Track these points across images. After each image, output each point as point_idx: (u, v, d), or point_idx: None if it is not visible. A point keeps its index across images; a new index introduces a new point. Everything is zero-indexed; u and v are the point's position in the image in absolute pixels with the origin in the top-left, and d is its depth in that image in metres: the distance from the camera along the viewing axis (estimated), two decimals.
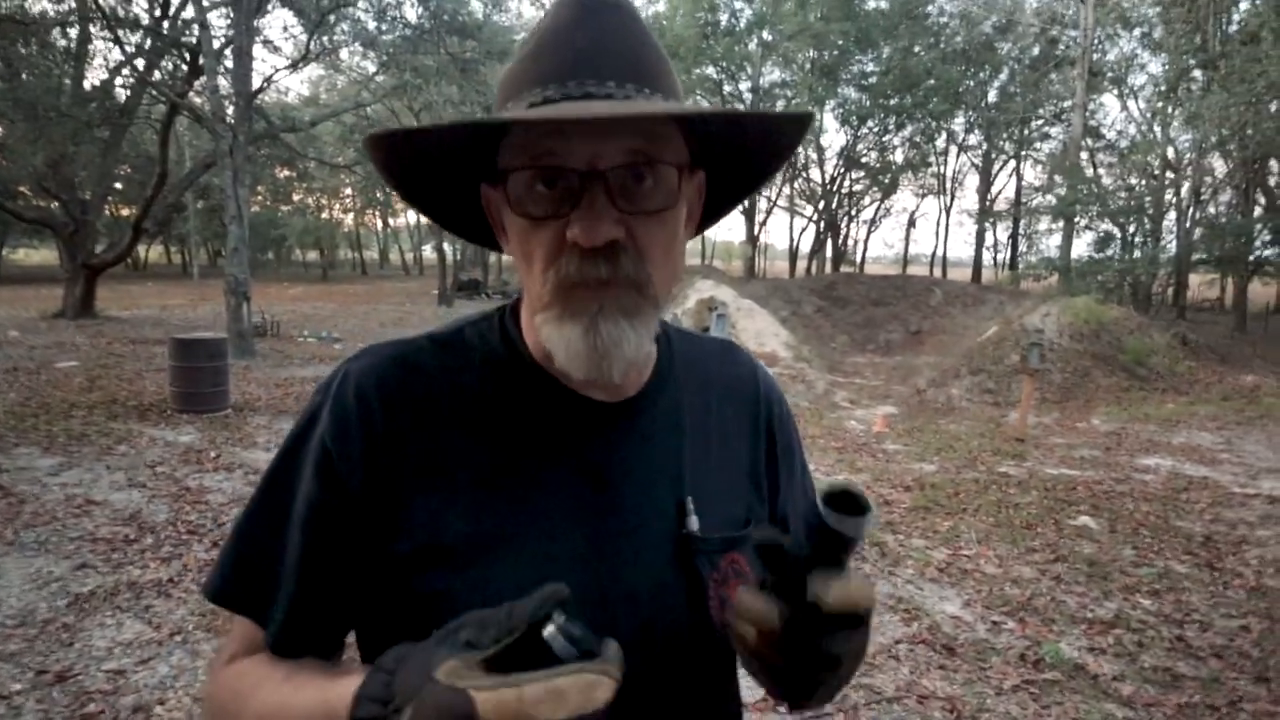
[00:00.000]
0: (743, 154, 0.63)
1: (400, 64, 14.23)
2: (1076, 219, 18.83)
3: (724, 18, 25.50)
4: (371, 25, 14.34)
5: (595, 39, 0.55)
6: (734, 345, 0.79)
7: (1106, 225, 19.41)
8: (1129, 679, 2.88)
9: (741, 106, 27.78)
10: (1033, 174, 31.40)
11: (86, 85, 14.64)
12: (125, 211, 22.98)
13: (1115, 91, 22.42)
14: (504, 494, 0.59)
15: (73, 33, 14.11)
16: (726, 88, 27.75)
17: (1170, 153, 19.93)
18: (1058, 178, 20.41)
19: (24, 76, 13.00)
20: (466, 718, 0.38)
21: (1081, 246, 20.17)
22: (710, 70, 26.70)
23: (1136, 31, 20.94)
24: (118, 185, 21.78)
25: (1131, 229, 19.28)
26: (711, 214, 0.69)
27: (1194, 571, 3.96)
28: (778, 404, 0.76)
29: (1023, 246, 25.81)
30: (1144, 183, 19.78)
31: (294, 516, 0.59)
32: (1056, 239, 20.50)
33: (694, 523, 0.62)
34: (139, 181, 21.23)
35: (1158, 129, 20.79)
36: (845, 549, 0.49)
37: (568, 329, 0.55)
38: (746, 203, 27.69)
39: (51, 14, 12.95)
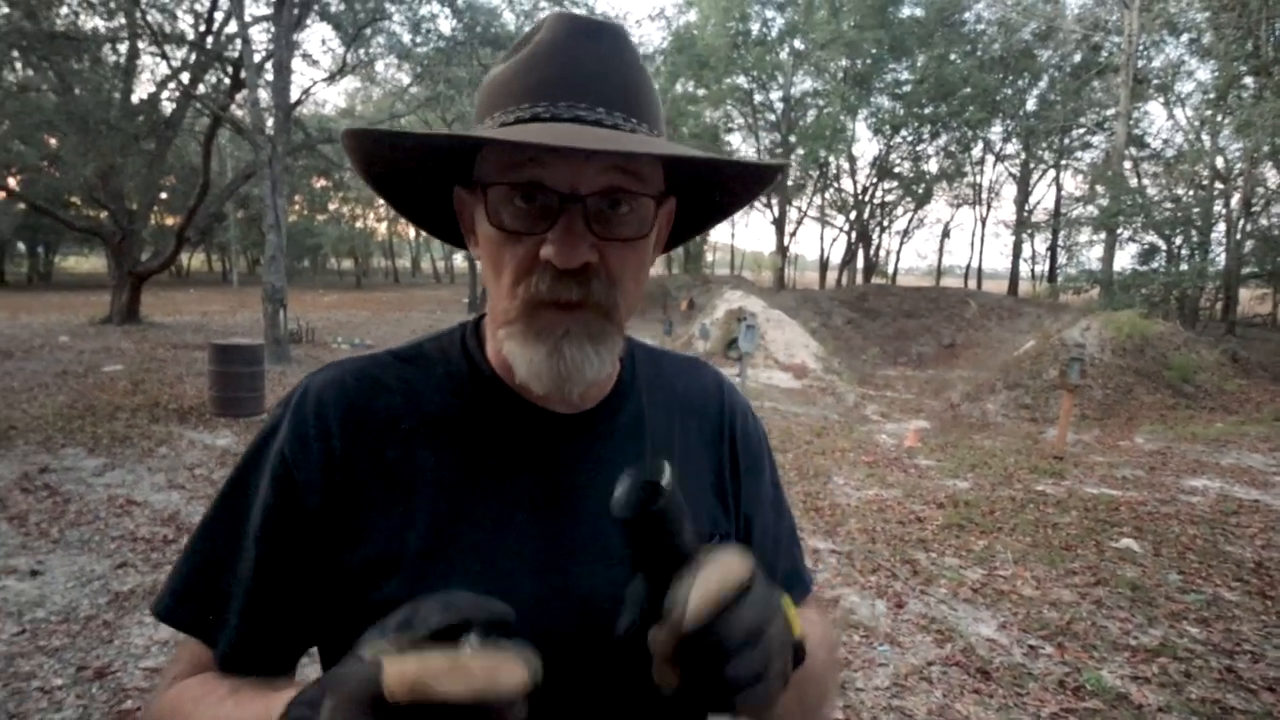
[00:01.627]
0: (715, 189, 0.64)
1: (434, 76, 14.51)
2: (1119, 230, 18.32)
3: (755, 27, 25.46)
4: (406, 38, 14.65)
5: (588, 62, 0.55)
6: (699, 361, 0.79)
7: (1151, 237, 18.86)
8: (1175, 710, 2.76)
9: (772, 116, 27.76)
10: (1073, 184, 30.76)
11: (134, 99, 15.18)
12: (170, 221, 23.78)
13: (1161, 99, 21.84)
14: (463, 506, 0.59)
15: (122, 48, 14.67)
16: (757, 97, 27.68)
17: (1219, 162, 19.32)
18: (1100, 188, 19.85)
19: (76, 91, 13.53)
20: (373, 684, 0.37)
21: (1124, 259, 19.70)
22: (741, 79, 26.68)
23: (1184, 37, 20.39)
24: (163, 195, 22.54)
25: (1178, 241, 18.69)
26: (675, 239, 0.69)
27: (1245, 599, 3.79)
28: (742, 417, 0.74)
29: (1062, 258, 25.21)
30: (1191, 193, 19.19)
31: (249, 528, 0.59)
32: (1097, 251, 19.93)
33: None
34: (183, 192, 21.94)
35: (1206, 138, 20.18)
36: (652, 539, 0.47)
37: (531, 349, 0.55)
38: (776, 212, 27.60)
39: (103, 30, 13.48)
